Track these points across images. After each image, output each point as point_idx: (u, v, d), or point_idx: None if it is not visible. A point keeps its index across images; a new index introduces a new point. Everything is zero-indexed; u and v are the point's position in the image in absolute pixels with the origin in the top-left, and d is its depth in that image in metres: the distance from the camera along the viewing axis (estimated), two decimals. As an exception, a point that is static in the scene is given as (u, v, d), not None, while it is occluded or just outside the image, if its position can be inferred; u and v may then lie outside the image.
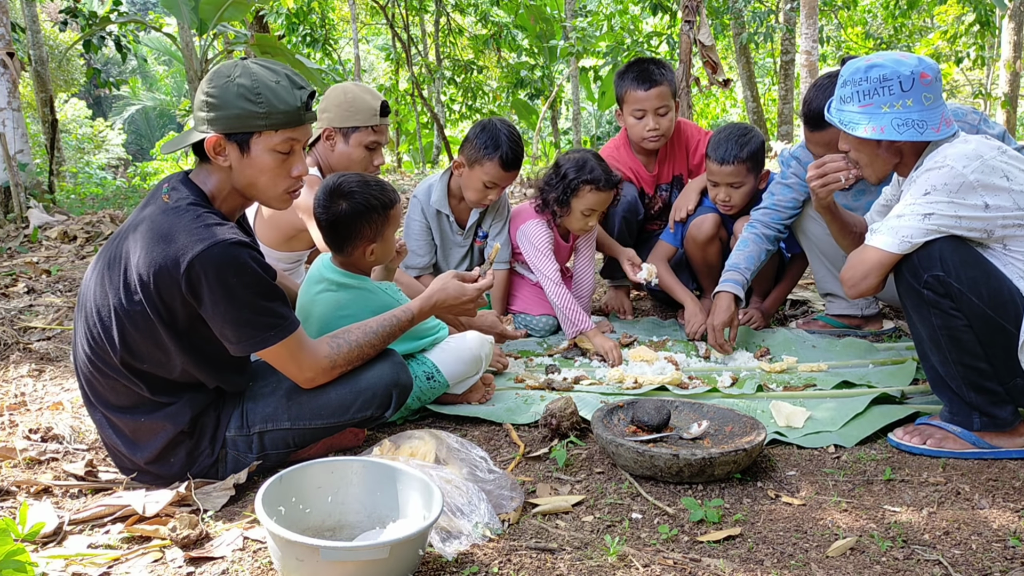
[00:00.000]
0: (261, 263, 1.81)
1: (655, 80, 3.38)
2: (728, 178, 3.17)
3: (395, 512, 1.73)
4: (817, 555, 1.67)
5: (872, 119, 2.13)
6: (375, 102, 2.85)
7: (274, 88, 1.84)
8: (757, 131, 3.27)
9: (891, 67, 2.11)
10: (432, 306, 2.22)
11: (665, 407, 2.24)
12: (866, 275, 2.12)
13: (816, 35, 8.88)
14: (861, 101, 2.15)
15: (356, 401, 2.02)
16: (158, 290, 1.77)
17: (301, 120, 1.88)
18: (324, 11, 13.59)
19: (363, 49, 20.05)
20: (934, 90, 2.12)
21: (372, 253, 2.30)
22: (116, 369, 1.87)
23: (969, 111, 2.62)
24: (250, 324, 1.82)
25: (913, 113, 2.11)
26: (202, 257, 1.73)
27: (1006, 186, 2.01)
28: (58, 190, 8.55)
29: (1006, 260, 2.04)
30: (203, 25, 7.67)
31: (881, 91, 2.12)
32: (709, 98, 17.74)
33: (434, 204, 3.28)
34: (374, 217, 2.25)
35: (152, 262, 1.77)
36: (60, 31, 13.45)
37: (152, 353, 1.85)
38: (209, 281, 1.74)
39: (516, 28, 14.22)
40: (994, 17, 11.61)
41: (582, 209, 3.17)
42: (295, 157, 1.92)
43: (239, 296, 1.78)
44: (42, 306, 3.77)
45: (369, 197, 2.24)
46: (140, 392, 1.90)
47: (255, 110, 1.82)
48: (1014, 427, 2.10)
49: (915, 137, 2.11)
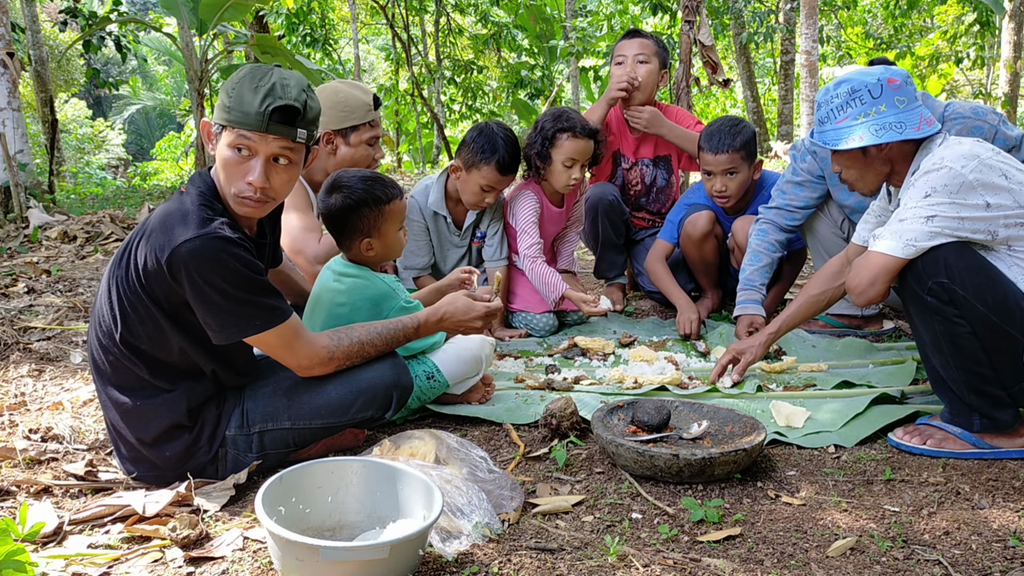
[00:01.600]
0: (242, 259, 1.82)
1: (641, 34, 3.65)
2: (723, 166, 3.20)
3: (395, 512, 1.73)
4: (817, 555, 1.67)
5: (851, 131, 2.17)
6: (367, 97, 2.84)
7: (249, 89, 1.85)
8: (748, 122, 3.31)
9: (857, 78, 2.17)
10: (439, 319, 2.24)
11: (665, 407, 2.24)
12: (873, 281, 2.10)
13: (816, 35, 8.87)
14: (837, 117, 2.21)
15: (357, 401, 2.02)
16: (147, 274, 1.84)
17: (256, 125, 1.83)
18: (324, 11, 13.59)
19: (363, 49, 20.05)
20: (905, 93, 2.15)
21: (371, 248, 2.31)
22: (118, 348, 1.91)
23: (989, 111, 2.62)
24: (231, 313, 1.84)
25: (888, 117, 2.14)
26: (181, 250, 1.78)
27: (1005, 184, 2.01)
28: (58, 190, 8.55)
29: (1011, 262, 2.03)
30: (203, 25, 7.67)
31: (853, 103, 2.17)
32: (709, 98, 17.75)
33: (431, 206, 3.29)
34: (365, 211, 2.26)
35: (146, 247, 1.84)
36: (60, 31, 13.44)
37: (150, 333, 1.89)
38: (189, 273, 1.79)
39: (516, 28, 14.22)
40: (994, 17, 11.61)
41: (562, 160, 3.22)
42: (250, 163, 1.87)
43: (218, 287, 1.81)
44: (42, 306, 3.77)
45: (361, 191, 2.25)
46: (140, 374, 1.93)
47: (225, 103, 1.87)
48: (1015, 428, 2.10)
49: (895, 138, 2.12)
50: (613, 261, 3.75)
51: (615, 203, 3.57)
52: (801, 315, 2.61)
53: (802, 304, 2.60)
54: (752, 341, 2.67)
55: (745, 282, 3.07)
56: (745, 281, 3.08)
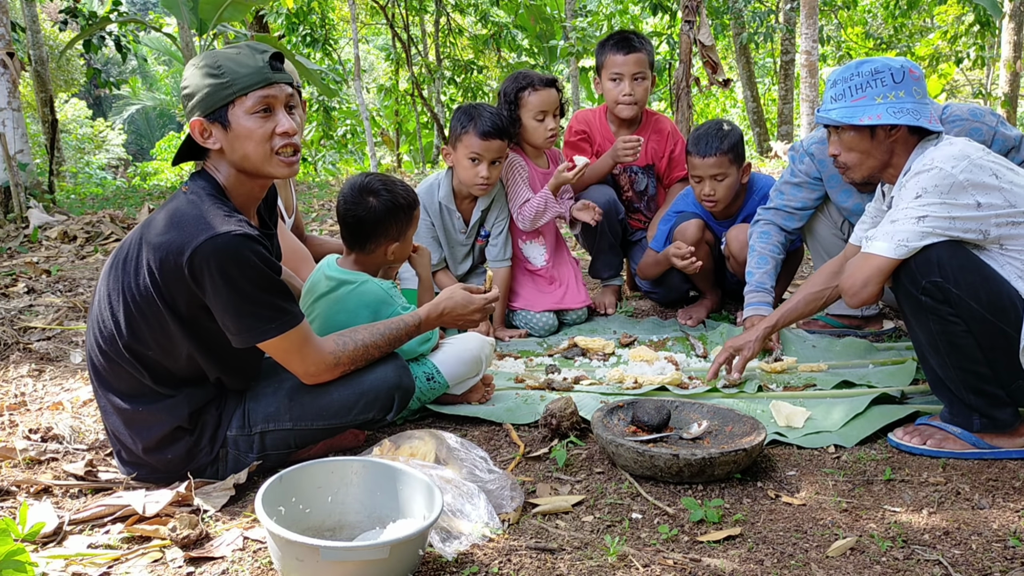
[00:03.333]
0: (264, 257, 1.82)
1: (634, 47, 3.56)
2: (711, 170, 3.18)
3: (395, 512, 1.73)
4: (817, 555, 1.67)
5: (867, 109, 2.17)
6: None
7: (233, 57, 1.87)
8: (735, 125, 3.30)
9: (882, 61, 2.19)
10: (440, 314, 2.25)
11: (665, 407, 2.24)
12: (866, 283, 2.12)
13: (816, 35, 8.87)
14: (854, 96, 2.20)
15: (358, 403, 2.02)
16: (163, 277, 1.80)
17: (268, 79, 1.86)
18: (324, 11, 13.57)
19: (363, 49, 20.05)
20: (922, 87, 2.19)
21: (392, 252, 2.37)
22: (121, 354, 1.89)
23: (987, 112, 2.62)
24: (251, 315, 1.83)
25: (907, 103, 2.16)
26: (205, 248, 1.75)
27: (996, 184, 2.01)
28: (58, 190, 8.54)
29: (1003, 261, 2.04)
30: (203, 25, 7.66)
31: (874, 83, 2.17)
32: (709, 98, 17.74)
33: (441, 199, 3.30)
34: (400, 216, 2.32)
35: (160, 249, 1.80)
36: (60, 31, 13.44)
37: (158, 339, 1.87)
38: (211, 272, 1.76)
39: (516, 28, 14.21)
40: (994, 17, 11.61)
41: (532, 115, 3.31)
42: (276, 115, 1.89)
43: (240, 288, 1.79)
44: (42, 306, 3.77)
45: (397, 196, 2.31)
46: (142, 380, 1.91)
47: (220, 82, 1.85)
48: (1014, 428, 2.10)
49: (912, 121, 2.13)
50: (609, 262, 3.76)
51: (612, 203, 3.56)
52: (799, 311, 2.61)
53: (801, 300, 2.60)
54: (748, 336, 2.66)
55: (756, 285, 3.03)
56: (756, 284, 3.03)
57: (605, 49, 3.61)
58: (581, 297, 3.51)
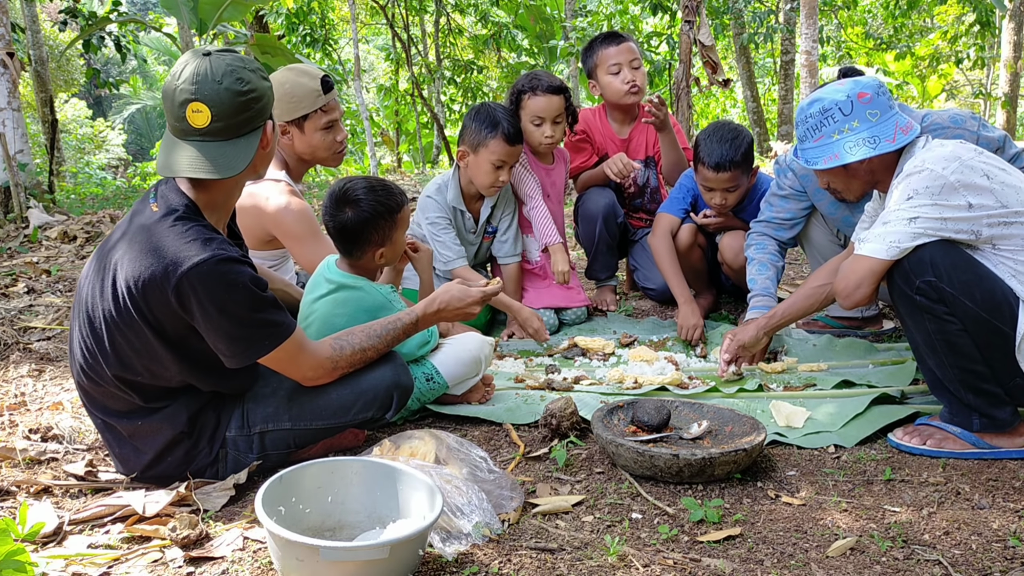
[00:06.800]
0: (251, 276, 1.80)
1: (623, 37, 3.59)
2: (725, 184, 3.15)
3: (395, 512, 1.72)
4: (817, 555, 1.67)
5: (827, 149, 2.22)
6: (315, 83, 2.73)
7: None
8: (744, 129, 3.26)
9: (828, 97, 2.22)
10: (436, 310, 2.22)
11: (665, 407, 2.24)
12: (859, 284, 2.12)
13: (816, 35, 8.88)
14: (813, 137, 2.26)
15: (357, 402, 2.02)
16: (147, 302, 1.77)
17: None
18: (324, 11, 13.58)
19: (363, 49, 20.04)
20: (877, 105, 2.19)
21: (381, 256, 2.33)
22: (110, 380, 1.88)
23: (968, 117, 2.61)
24: (243, 338, 1.82)
25: (862, 132, 2.18)
26: (192, 273, 1.73)
27: (987, 184, 2.02)
28: (58, 190, 8.54)
29: (996, 260, 2.04)
30: (203, 25, 7.67)
31: (827, 122, 2.22)
32: (709, 98, 17.73)
33: (452, 202, 3.29)
34: (381, 223, 2.27)
35: (141, 274, 1.76)
36: (60, 31, 13.43)
37: (146, 365, 1.85)
38: (199, 297, 1.74)
39: (516, 28, 14.21)
40: (994, 17, 11.61)
41: (529, 119, 3.31)
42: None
43: (230, 311, 1.78)
44: (42, 306, 3.77)
45: (375, 204, 2.25)
46: (134, 401, 1.90)
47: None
48: (1014, 427, 2.10)
49: (869, 154, 2.16)
50: (606, 263, 3.76)
51: (611, 205, 3.58)
52: (799, 306, 2.62)
53: (801, 295, 2.61)
54: (748, 326, 2.70)
55: (760, 289, 3.00)
56: (760, 288, 3.00)
57: (594, 48, 3.60)
58: (581, 296, 3.51)
